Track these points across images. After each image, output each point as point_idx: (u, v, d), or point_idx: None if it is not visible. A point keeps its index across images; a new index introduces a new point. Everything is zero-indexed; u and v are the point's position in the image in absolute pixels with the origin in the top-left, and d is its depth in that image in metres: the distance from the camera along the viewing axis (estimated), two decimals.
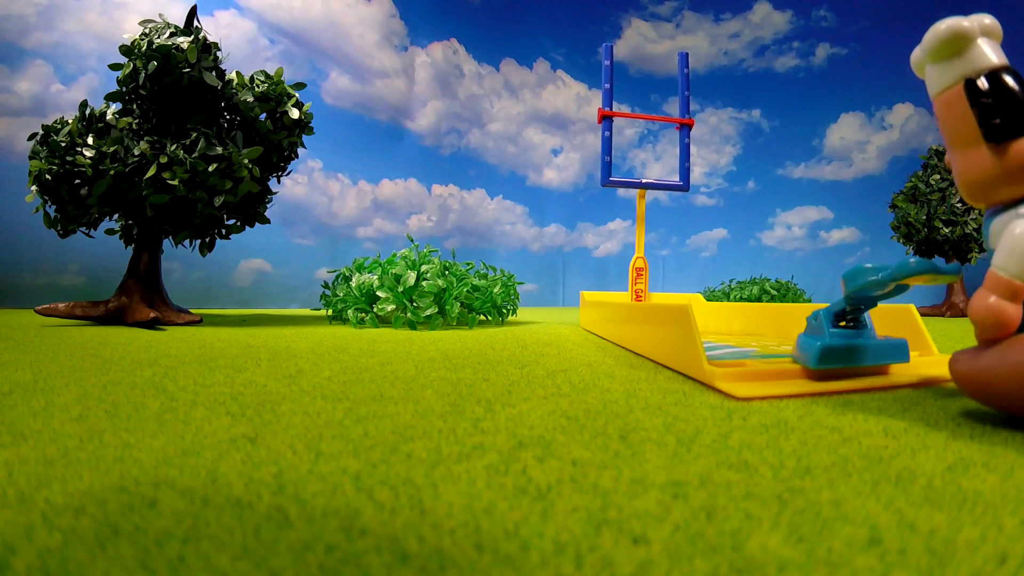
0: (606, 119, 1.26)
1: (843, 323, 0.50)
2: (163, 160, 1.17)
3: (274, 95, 1.42)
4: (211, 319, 1.56)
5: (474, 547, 0.17)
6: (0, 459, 0.25)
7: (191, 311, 1.45)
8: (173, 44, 1.24)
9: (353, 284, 1.37)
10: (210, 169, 1.20)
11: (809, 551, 0.17)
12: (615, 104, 1.27)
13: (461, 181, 3.80)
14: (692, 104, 1.77)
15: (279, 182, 1.62)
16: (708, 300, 2.31)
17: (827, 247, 4.14)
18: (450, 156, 3.80)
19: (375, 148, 3.44)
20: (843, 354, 0.47)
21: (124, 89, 1.30)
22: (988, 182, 0.33)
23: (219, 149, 1.23)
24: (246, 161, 1.27)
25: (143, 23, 1.29)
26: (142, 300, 1.28)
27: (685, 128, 1.31)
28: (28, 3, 2.29)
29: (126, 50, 1.28)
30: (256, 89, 1.40)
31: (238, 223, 1.47)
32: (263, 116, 1.43)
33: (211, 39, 1.37)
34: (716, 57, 4.34)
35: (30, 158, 1.23)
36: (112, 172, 1.18)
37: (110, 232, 1.44)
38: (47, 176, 1.20)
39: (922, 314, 2.78)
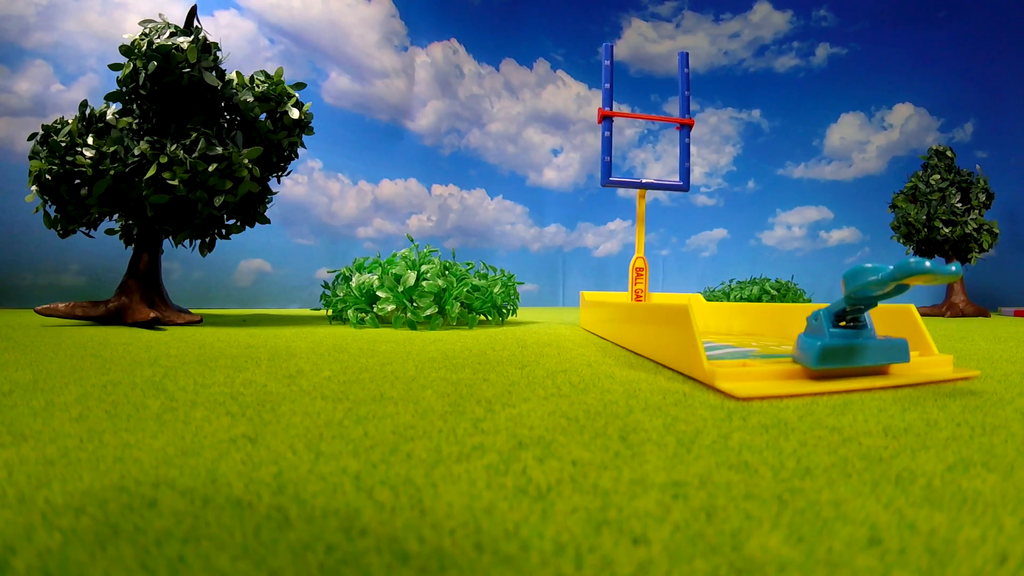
0: (606, 119, 1.26)
1: (843, 323, 0.50)
2: (163, 160, 1.17)
3: (274, 95, 1.42)
4: (211, 319, 1.56)
5: (474, 547, 0.17)
6: (0, 459, 0.25)
7: (191, 311, 1.45)
8: (173, 44, 1.24)
9: (353, 284, 1.37)
10: (210, 169, 1.20)
11: (809, 551, 0.17)
12: (615, 104, 1.27)
13: (461, 181, 3.80)
14: (692, 104, 1.77)
15: (279, 182, 1.62)
16: (708, 300, 2.31)
17: (827, 247, 4.14)
18: (450, 156, 3.79)
19: (375, 148, 3.44)
20: (843, 354, 0.47)
21: (124, 89, 1.30)
22: None
23: (219, 149, 1.23)
24: (246, 161, 1.27)
25: (143, 23, 1.29)
26: (142, 300, 1.28)
27: (685, 128, 1.31)
28: (28, 3, 2.29)
29: (126, 50, 1.28)
30: (256, 89, 1.40)
31: (238, 223, 1.47)
32: (263, 116, 1.43)
33: (211, 39, 1.37)
34: (716, 57, 4.34)
35: (30, 158, 1.23)
36: (112, 172, 1.18)
37: (110, 232, 1.44)
38: (47, 176, 1.20)
39: (922, 314, 2.78)
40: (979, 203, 2.80)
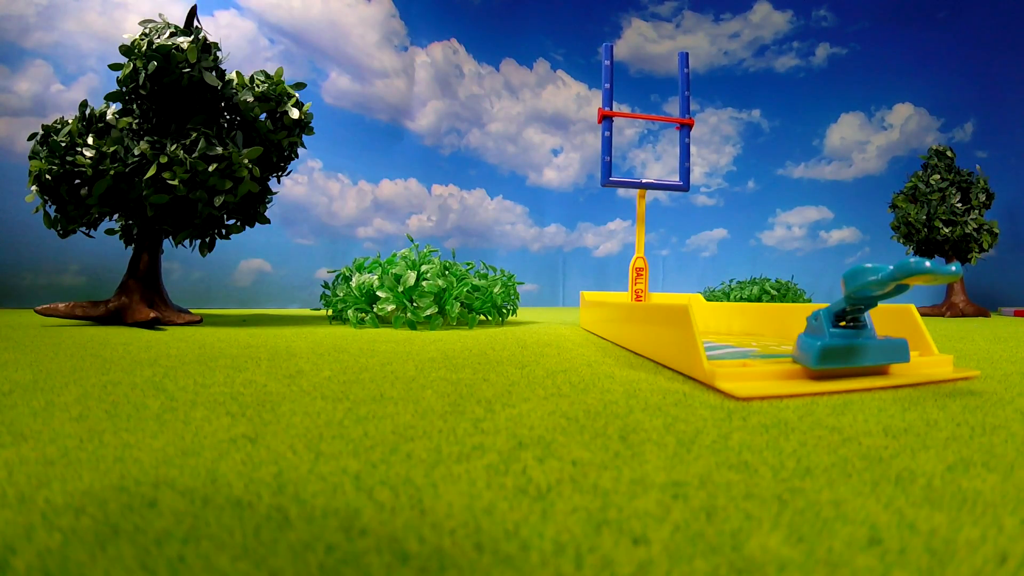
0: (606, 119, 1.26)
1: (843, 323, 0.50)
2: (163, 160, 1.17)
3: (274, 95, 1.42)
4: (211, 319, 1.56)
5: (474, 547, 0.17)
6: (0, 459, 0.25)
7: (191, 311, 1.45)
8: (173, 44, 1.24)
9: (353, 284, 1.37)
10: (210, 169, 1.20)
11: (809, 551, 0.17)
12: (615, 104, 1.27)
13: (461, 181, 3.80)
14: (692, 104, 1.77)
15: (279, 182, 1.62)
16: (708, 300, 2.31)
17: (827, 247, 4.13)
18: (450, 156, 3.79)
19: (375, 148, 3.44)
20: (843, 354, 0.47)
21: (124, 89, 1.30)
22: None
23: (219, 149, 1.23)
24: (246, 161, 1.27)
25: (143, 23, 1.29)
26: (142, 300, 1.28)
27: (685, 128, 1.31)
28: (28, 3, 2.29)
29: (126, 50, 1.28)
30: (256, 89, 1.40)
31: (238, 223, 1.47)
32: (263, 116, 1.43)
33: (211, 39, 1.37)
34: (716, 57, 4.33)
35: (30, 158, 1.23)
36: (112, 172, 1.18)
37: (110, 232, 1.44)
38: (47, 176, 1.20)
39: (922, 314, 2.78)
40: (979, 203, 2.80)
